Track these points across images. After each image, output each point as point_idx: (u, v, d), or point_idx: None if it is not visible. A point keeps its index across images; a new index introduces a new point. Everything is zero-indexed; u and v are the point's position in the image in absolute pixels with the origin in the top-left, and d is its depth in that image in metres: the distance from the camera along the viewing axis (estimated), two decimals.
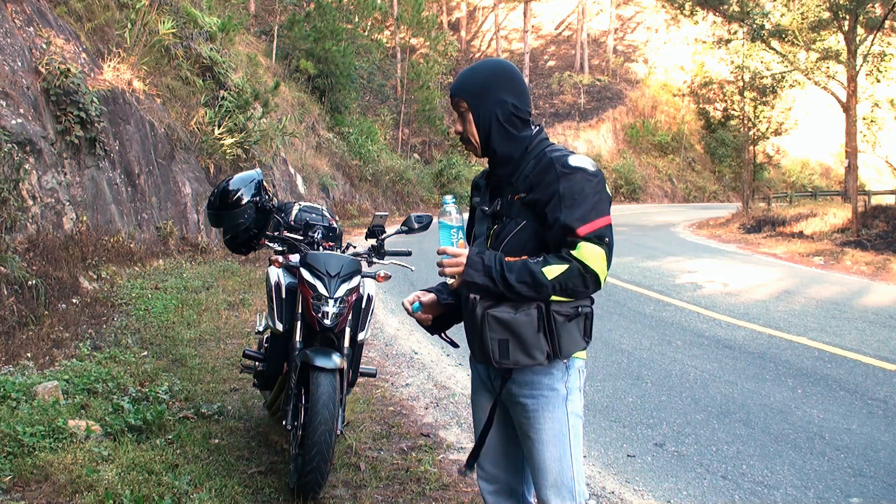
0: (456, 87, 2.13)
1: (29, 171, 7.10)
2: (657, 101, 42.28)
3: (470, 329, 2.09)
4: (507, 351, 1.99)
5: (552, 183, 1.99)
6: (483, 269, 1.96)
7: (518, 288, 1.94)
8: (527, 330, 1.97)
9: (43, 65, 7.84)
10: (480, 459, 2.23)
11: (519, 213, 2.05)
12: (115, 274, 7.93)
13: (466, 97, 2.10)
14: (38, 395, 4.21)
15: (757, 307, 8.35)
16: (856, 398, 5.02)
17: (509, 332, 1.98)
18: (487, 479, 2.24)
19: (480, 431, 2.21)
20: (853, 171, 18.57)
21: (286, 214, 3.94)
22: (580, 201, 1.96)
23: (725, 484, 3.70)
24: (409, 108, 31.04)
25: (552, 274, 1.93)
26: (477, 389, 2.27)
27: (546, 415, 2.07)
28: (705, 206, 32.29)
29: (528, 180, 2.05)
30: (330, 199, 20.21)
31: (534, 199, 2.02)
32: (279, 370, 3.69)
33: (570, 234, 1.95)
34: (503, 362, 2.01)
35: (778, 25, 21.12)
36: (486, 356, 2.03)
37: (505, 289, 1.95)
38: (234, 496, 3.25)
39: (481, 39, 46.01)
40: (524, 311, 1.97)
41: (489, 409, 2.19)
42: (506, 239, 2.05)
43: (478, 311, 2.00)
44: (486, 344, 2.00)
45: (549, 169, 2.02)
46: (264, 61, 21.25)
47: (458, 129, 2.15)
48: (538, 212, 2.02)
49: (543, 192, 2.01)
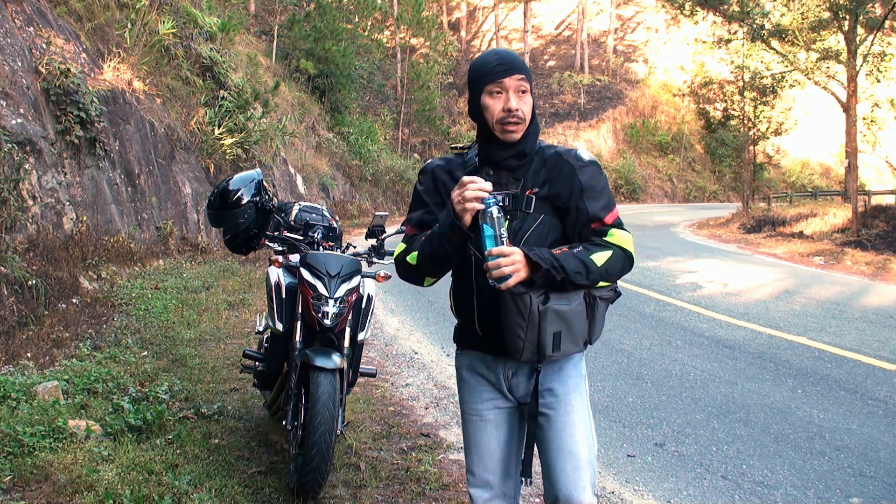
0: (519, 64, 2.04)
1: (29, 171, 7.10)
2: (657, 101, 42.27)
3: (517, 326, 1.96)
4: (560, 342, 2.00)
5: (570, 176, 2.05)
6: (545, 264, 1.92)
7: (574, 278, 1.95)
8: (579, 319, 2.02)
9: (43, 65, 7.84)
10: (474, 466, 2.18)
11: (536, 209, 2.05)
12: (115, 274, 7.93)
13: (528, 77, 2.05)
14: (38, 395, 4.21)
15: (757, 307, 8.35)
16: (856, 398, 5.02)
17: (564, 324, 1.99)
18: (482, 486, 2.17)
19: (527, 435, 2.12)
20: (853, 171, 18.57)
21: (286, 214, 3.94)
22: (600, 192, 2.06)
23: (725, 484, 3.70)
24: (409, 108, 31.03)
25: (600, 260, 1.99)
26: (476, 398, 2.18)
27: (576, 396, 2.13)
28: (705, 206, 32.28)
29: (540, 176, 2.07)
30: (330, 199, 20.21)
31: (552, 194, 2.06)
32: (279, 370, 3.69)
33: (598, 222, 2.04)
34: (554, 354, 2.00)
35: (778, 25, 21.12)
36: (538, 351, 1.98)
37: (563, 280, 1.95)
38: (234, 496, 3.25)
39: (481, 39, 46.00)
40: (577, 301, 2.01)
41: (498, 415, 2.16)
42: (526, 234, 2.04)
43: (535, 307, 1.94)
44: (544, 338, 1.96)
45: (560, 163, 2.07)
46: (264, 61, 21.24)
47: (512, 106, 2.01)
48: (556, 206, 2.06)
49: (561, 185, 2.05)
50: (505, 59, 2.04)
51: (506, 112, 2.02)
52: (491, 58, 2.06)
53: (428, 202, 2.16)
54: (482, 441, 2.17)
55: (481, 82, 2.05)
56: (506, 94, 2.02)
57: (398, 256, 2.16)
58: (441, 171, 2.17)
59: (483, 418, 2.17)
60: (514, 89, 2.02)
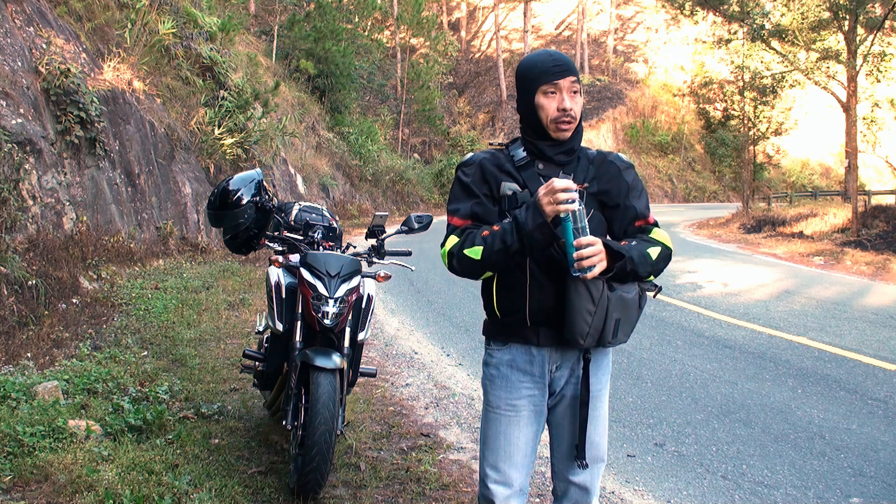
0: (572, 65, 2.14)
1: (29, 171, 7.10)
2: (657, 101, 42.27)
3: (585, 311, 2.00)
4: (618, 330, 2.07)
5: (617, 176, 2.20)
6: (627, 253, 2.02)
7: (639, 269, 2.06)
8: (635, 308, 2.11)
9: (43, 65, 7.84)
10: (499, 462, 2.18)
11: (587, 203, 2.12)
12: (115, 274, 7.93)
13: (579, 79, 2.15)
14: (38, 395, 4.21)
15: (757, 307, 8.35)
16: (856, 398, 5.02)
17: (625, 312, 2.07)
18: (505, 483, 2.17)
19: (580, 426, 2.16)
20: (853, 171, 18.57)
21: (286, 214, 3.94)
22: (641, 193, 2.23)
23: (725, 484, 3.70)
24: (409, 108, 31.04)
25: (654, 255, 2.11)
26: (515, 394, 2.18)
27: (604, 394, 2.26)
28: (705, 206, 32.29)
29: (589, 172, 2.18)
30: (330, 199, 20.21)
31: (602, 190, 2.17)
32: (279, 370, 3.69)
33: (643, 220, 2.20)
34: (614, 341, 2.08)
35: (778, 25, 21.12)
36: (601, 337, 2.04)
37: (632, 271, 2.05)
38: (234, 496, 3.25)
39: (481, 39, 46.00)
40: (635, 291, 2.10)
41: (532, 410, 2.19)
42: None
43: (605, 292, 2.02)
44: (608, 324, 2.03)
45: (606, 163, 2.22)
46: (264, 61, 21.24)
47: (567, 106, 2.10)
48: (604, 202, 2.18)
49: (610, 184, 2.18)
50: (559, 60, 2.13)
51: (560, 111, 2.11)
52: (546, 59, 2.14)
53: (478, 193, 2.17)
54: (512, 436, 2.18)
55: (537, 82, 2.12)
56: (560, 95, 2.11)
57: (452, 248, 2.12)
58: (488, 164, 2.20)
59: (518, 413, 2.18)
60: (567, 90, 2.11)
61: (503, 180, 2.14)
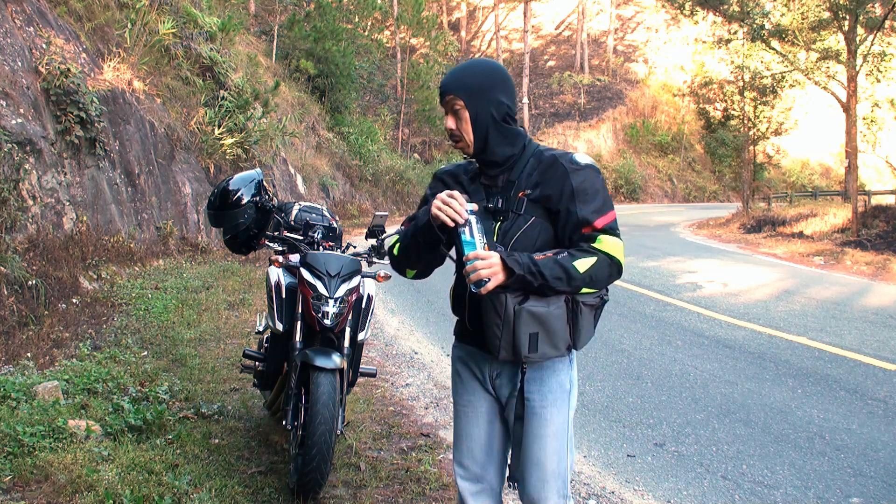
0: (450, 84, 2.09)
1: (29, 171, 7.10)
2: (657, 101, 42.26)
3: (494, 325, 2.02)
4: (537, 344, 2.02)
5: (562, 179, 2.07)
6: (520, 269, 1.95)
7: (553, 283, 1.97)
8: (557, 322, 2.03)
9: (43, 65, 7.84)
10: (463, 458, 2.23)
11: (526, 210, 2.09)
12: (115, 274, 7.93)
13: (462, 96, 2.08)
14: (38, 395, 4.21)
15: (757, 307, 8.35)
16: (856, 398, 5.02)
17: (541, 326, 2.01)
18: (470, 478, 2.22)
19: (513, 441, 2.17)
20: (853, 171, 18.57)
21: (286, 214, 3.93)
22: (593, 196, 2.06)
23: (725, 484, 3.70)
24: (409, 108, 31.03)
25: (583, 267, 1.99)
26: (468, 389, 2.25)
27: (553, 411, 2.13)
28: (705, 206, 32.28)
29: (532, 178, 2.11)
30: (330, 199, 20.20)
31: (543, 196, 2.08)
32: (279, 370, 3.70)
33: (588, 227, 2.04)
34: (531, 356, 2.02)
35: (778, 25, 21.12)
36: (514, 351, 2.01)
37: (541, 286, 1.97)
38: (234, 496, 3.25)
39: (481, 39, 46.00)
40: (556, 304, 2.03)
41: (487, 408, 2.21)
42: (515, 236, 2.07)
43: (510, 306, 1.98)
44: (519, 338, 1.99)
45: (554, 166, 2.09)
46: (264, 61, 21.23)
47: (449, 126, 2.11)
48: (548, 208, 2.08)
49: (553, 188, 2.07)
50: (444, 79, 2.13)
51: (448, 134, 2.14)
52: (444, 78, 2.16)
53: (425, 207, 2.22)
54: (472, 432, 2.22)
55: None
56: (447, 116, 2.12)
57: (390, 248, 2.30)
58: (448, 177, 2.26)
59: (475, 410, 2.23)
60: (449, 110, 2.11)
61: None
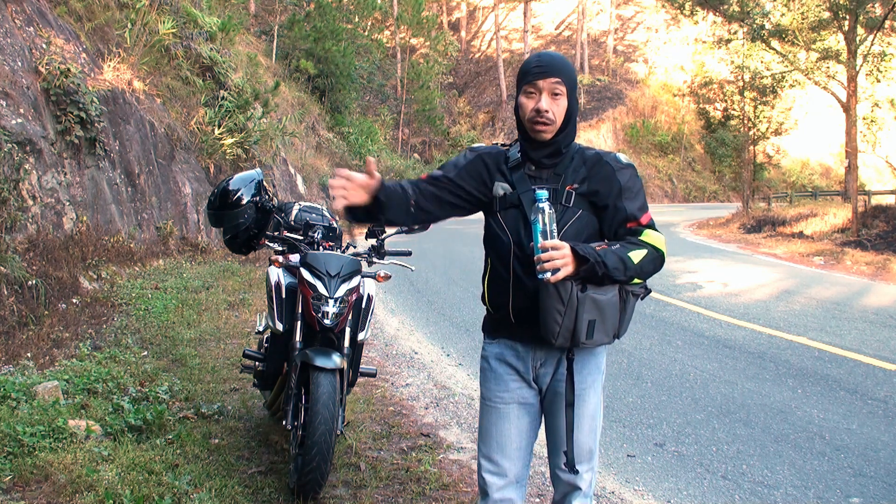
0: (558, 68, 2.11)
1: (29, 171, 7.10)
2: (657, 101, 42.25)
3: (555, 311, 2.04)
4: (593, 331, 2.08)
5: (610, 176, 2.15)
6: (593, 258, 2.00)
7: (614, 274, 2.03)
8: (612, 310, 2.10)
9: (43, 65, 7.83)
10: (492, 453, 2.24)
11: (575, 203, 2.14)
12: (115, 274, 7.93)
13: (567, 83, 2.12)
14: (38, 395, 4.21)
15: (757, 307, 8.35)
16: (856, 398, 5.02)
17: (599, 313, 2.07)
18: (499, 473, 2.23)
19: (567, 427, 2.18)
20: (853, 171, 18.57)
21: (286, 214, 3.93)
22: (637, 194, 2.17)
23: (725, 484, 3.70)
24: (409, 108, 31.03)
25: (637, 258, 2.08)
26: (502, 386, 2.24)
27: (590, 392, 2.23)
28: (705, 206, 32.28)
29: (580, 173, 2.17)
30: (330, 199, 20.19)
31: (591, 191, 2.15)
32: (279, 370, 3.69)
33: (634, 222, 2.15)
34: (587, 342, 2.09)
35: (778, 25, 21.11)
36: (573, 337, 2.06)
37: (603, 275, 2.03)
38: (234, 496, 3.25)
39: (481, 39, 45.99)
40: (612, 293, 2.10)
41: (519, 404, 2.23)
42: (564, 227, 2.12)
43: (574, 293, 2.03)
44: (580, 325, 2.05)
45: (600, 164, 2.17)
46: (264, 61, 21.23)
47: (542, 107, 2.10)
48: (594, 203, 2.15)
49: (601, 184, 2.15)
50: (543, 61, 2.13)
51: (534, 112, 2.11)
52: (533, 59, 2.16)
53: (452, 173, 2.25)
54: (503, 428, 2.24)
55: (521, 81, 2.16)
56: (538, 95, 2.11)
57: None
58: (490, 159, 2.26)
59: (507, 406, 2.25)
60: (547, 91, 2.11)
61: (496, 180, 2.21)
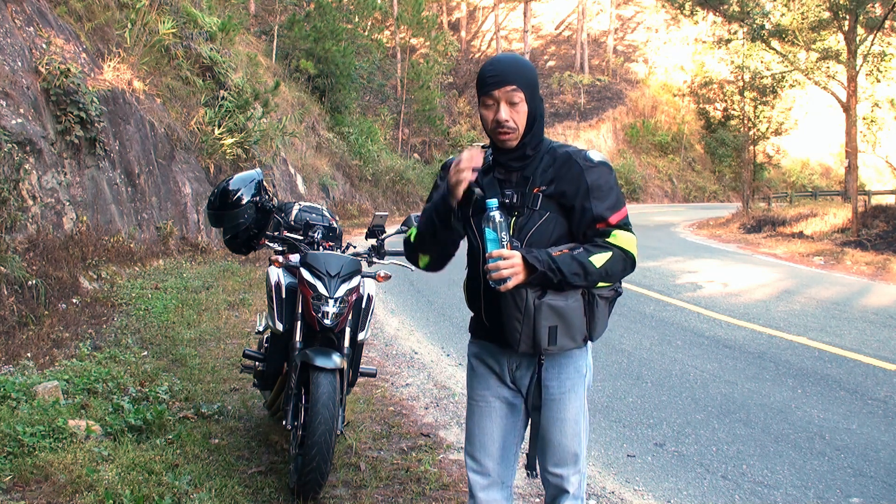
0: (513, 75, 2.06)
1: (29, 171, 7.10)
2: (657, 101, 42.27)
3: (514, 319, 2.05)
4: (556, 337, 2.07)
5: (577, 176, 2.10)
6: (542, 267, 1.99)
7: (572, 280, 2.02)
8: (575, 315, 2.09)
9: (43, 65, 7.83)
10: (475, 452, 2.26)
11: (542, 206, 2.12)
12: (115, 274, 7.93)
13: (524, 88, 2.08)
14: (38, 395, 4.21)
15: (757, 307, 8.35)
16: (856, 398, 5.02)
17: (559, 319, 2.06)
18: (482, 472, 2.25)
19: (532, 430, 2.21)
20: (853, 171, 18.57)
21: (286, 214, 3.93)
22: (607, 192, 2.10)
23: (725, 484, 3.70)
24: (409, 108, 31.02)
25: (599, 262, 2.04)
26: (483, 385, 2.27)
27: (571, 395, 2.21)
28: (705, 206, 32.28)
29: (548, 174, 2.13)
30: (330, 199, 20.20)
31: (559, 192, 2.11)
32: (279, 370, 3.69)
33: (603, 223, 2.09)
34: (550, 348, 2.08)
35: (778, 25, 21.11)
36: (534, 344, 2.06)
37: (560, 282, 2.01)
38: (234, 496, 3.25)
39: (481, 39, 45.99)
40: (573, 298, 2.09)
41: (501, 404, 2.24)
42: (530, 231, 2.10)
43: (530, 301, 2.02)
44: (539, 331, 2.04)
45: (569, 163, 2.12)
46: (264, 61, 21.22)
47: (503, 118, 2.06)
48: (562, 204, 2.11)
49: (568, 185, 2.10)
50: (497, 69, 2.08)
51: (495, 123, 2.09)
52: (486, 68, 2.11)
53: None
54: (486, 427, 2.25)
55: (478, 93, 2.12)
56: (496, 106, 2.08)
57: (406, 238, 2.36)
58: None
59: (489, 405, 2.25)
60: (505, 101, 2.07)
61: (471, 185, 2.15)
